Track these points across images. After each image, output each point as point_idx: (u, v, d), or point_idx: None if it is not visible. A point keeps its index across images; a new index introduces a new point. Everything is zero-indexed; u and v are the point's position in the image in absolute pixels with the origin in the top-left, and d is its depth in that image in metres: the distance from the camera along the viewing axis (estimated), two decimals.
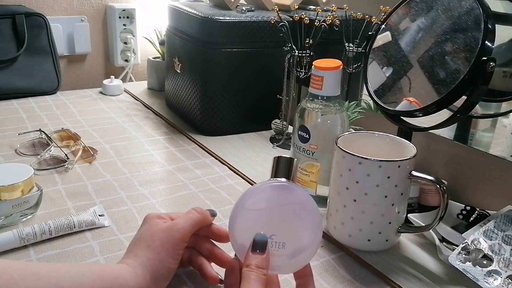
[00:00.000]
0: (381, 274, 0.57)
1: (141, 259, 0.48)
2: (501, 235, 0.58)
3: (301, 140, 0.70)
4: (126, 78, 1.46)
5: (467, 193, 0.73)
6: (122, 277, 0.45)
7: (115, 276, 0.45)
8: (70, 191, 0.73)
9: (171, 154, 0.90)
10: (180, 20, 1.03)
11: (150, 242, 0.48)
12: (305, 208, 0.47)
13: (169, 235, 0.49)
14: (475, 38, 0.56)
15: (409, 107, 0.64)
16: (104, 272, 0.45)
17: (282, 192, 0.48)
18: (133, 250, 0.49)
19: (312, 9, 1.01)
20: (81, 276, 0.43)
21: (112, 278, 0.45)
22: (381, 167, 0.56)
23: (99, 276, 0.44)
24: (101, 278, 0.44)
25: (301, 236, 0.46)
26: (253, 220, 0.47)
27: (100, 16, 1.42)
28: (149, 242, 0.48)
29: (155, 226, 0.50)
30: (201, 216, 0.52)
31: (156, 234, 0.49)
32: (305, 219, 0.47)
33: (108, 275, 0.45)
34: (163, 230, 0.49)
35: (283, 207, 0.47)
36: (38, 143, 0.90)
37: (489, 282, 0.54)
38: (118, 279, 0.45)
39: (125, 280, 0.45)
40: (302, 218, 0.47)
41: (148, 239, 0.49)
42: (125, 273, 0.46)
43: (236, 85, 0.97)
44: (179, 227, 0.49)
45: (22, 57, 1.19)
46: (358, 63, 0.90)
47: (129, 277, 0.46)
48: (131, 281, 0.46)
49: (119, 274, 0.46)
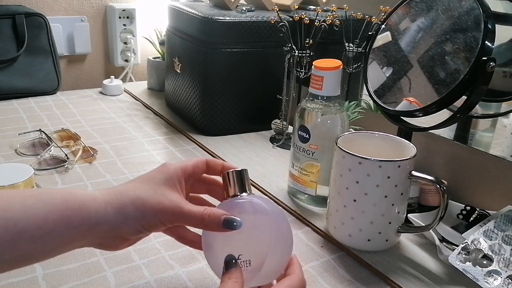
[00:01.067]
0: (381, 274, 0.57)
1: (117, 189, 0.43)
2: (501, 235, 0.58)
3: (301, 140, 0.70)
4: (126, 78, 1.46)
5: (467, 193, 0.73)
6: (85, 209, 0.40)
7: (77, 207, 0.40)
8: None
9: (171, 154, 0.90)
10: (180, 20, 1.03)
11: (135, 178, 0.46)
12: (264, 222, 0.46)
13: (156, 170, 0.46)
14: (475, 38, 0.56)
15: (409, 107, 0.64)
16: (64, 202, 0.40)
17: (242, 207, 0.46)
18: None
19: (312, 9, 1.01)
20: (33, 206, 0.38)
21: (72, 209, 0.40)
22: (381, 167, 0.56)
23: (56, 207, 0.39)
24: (58, 209, 0.39)
25: (262, 249, 0.46)
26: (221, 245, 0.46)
27: (100, 16, 1.42)
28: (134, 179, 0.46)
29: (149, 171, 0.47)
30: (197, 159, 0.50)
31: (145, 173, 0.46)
32: (262, 231, 0.46)
33: (68, 205, 0.40)
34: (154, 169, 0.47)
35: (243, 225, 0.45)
36: (38, 143, 0.90)
37: (489, 282, 0.54)
38: (79, 211, 0.40)
39: (87, 212, 0.40)
40: (260, 231, 0.46)
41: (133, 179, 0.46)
42: (91, 204, 0.41)
43: (236, 85, 0.97)
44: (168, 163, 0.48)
45: (22, 57, 1.19)
46: (358, 63, 0.90)
47: (93, 210, 0.41)
48: (94, 214, 0.41)
49: (82, 204, 0.40)
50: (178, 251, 0.59)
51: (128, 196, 0.42)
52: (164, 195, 0.44)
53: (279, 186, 0.78)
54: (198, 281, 0.54)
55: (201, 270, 0.56)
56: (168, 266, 0.56)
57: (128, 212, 0.42)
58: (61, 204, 0.40)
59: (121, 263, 0.56)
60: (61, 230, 0.39)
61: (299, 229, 0.67)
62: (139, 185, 0.44)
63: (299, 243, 0.63)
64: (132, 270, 0.55)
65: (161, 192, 0.44)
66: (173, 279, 0.54)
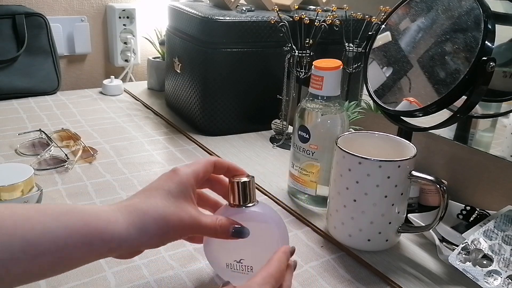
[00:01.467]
0: (381, 274, 0.57)
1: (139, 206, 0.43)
2: (501, 235, 0.58)
3: (301, 140, 0.70)
4: (126, 78, 1.46)
5: (467, 193, 0.73)
6: (107, 233, 0.40)
7: (99, 231, 0.39)
8: (70, 191, 0.73)
9: (171, 154, 0.90)
10: (180, 20, 1.03)
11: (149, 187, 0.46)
12: (269, 231, 0.49)
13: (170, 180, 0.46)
14: (475, 38, 0.56)
15: (409, 107, 0.64)
16: (86, 225, 0.39)
17: (249, 217, 0.49)
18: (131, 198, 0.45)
19: (312, 9, 1.01)
20: (54, 229, 0.37)
21: (93, 234, 0.39)
22: (381, 167, 0.56)
23: (77, 231, 0.38)
24: (79, 233, 0.38)
25: (266, 259, 0.48)
26: (224, 246, 0.49)
27: (100, 16, 1.42)
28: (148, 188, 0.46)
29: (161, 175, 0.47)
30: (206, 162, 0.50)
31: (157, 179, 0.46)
32: (266, 241, 0.49)
33: (90, 230, 0.39)
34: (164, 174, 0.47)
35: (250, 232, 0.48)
36: (38, 143, 0.90)
37: (489, 282, 0.54)
38: (101, 235, 0.39)
39: (109, 236, 0.40)
40: (264, 240, 0.49)
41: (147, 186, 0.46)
42: (113, 227, 0.40)
43: (236, 85, 0.97)
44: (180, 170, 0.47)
45: (22, 57, 1.19)
46: (358, 63, 0.90)
47: (116, 233, 0.40)
48: (117, 236, 0.40)
49: (104, 228, 0.40)
50: (178, 251, 0.59)
51: (152, 216, 0.42)
52: (184, 210, 0.44)
53: (279, 186, 0.78)
54: (198, 281, 0.54)
55: (201, 270, 0.56)
56: (168, 266, 0.56)
57: (151, 232, 0.42)
58: (82, 228, 0.39)
59: (121, 263, 0.56)
60: (81, 253, 0.39)
61: (299, 229, 0.67)
62: (159, 201, 0.44)
63: (299, 243, 0.63)
64: (132, 270, 0.55)
65: (180, 207, 0.44)
66: (173, 279, 0.54)
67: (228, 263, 0.50)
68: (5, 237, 0.35)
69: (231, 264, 0.50)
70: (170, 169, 0.48)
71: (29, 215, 0.37)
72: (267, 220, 0.49)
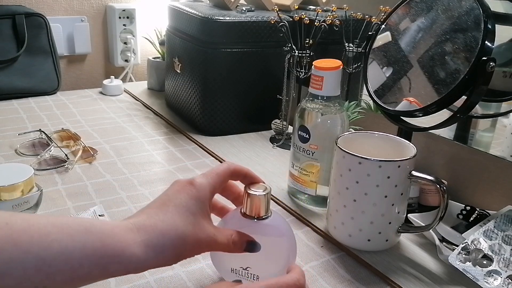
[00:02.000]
0: (381, 274, 0.57)
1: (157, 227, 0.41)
2: (501, 235, 0.58)
3: (301, 140, 0.70)
4: (126, 78, 1.46)
5: (467, 193, 0.73)
6: (124, 256, 0.39)
7: (116, 254, 0.38)
8: (70, 191, 0.73)
9: (171, 154, 0.90)
10: (180, 20, 1.03)
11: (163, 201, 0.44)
12: (280, 244, 0.49)
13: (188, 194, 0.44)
14: (475, 38, 0.56)
15: (409, 107, 0.64)
16: (103, 247, 0.38)
17: (262, 230, 0.49)
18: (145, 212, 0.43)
19: (312, 9, 1.01)
20: (71, 249, 0.36)
21: (110, 256, 0.38)
22: (381, 167, 0.56)
23: (93, 253, 0.37)
24: (95, 255, 0.37)
25: (273, 270, 0.48)
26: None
27: (100, 16, 1.42)
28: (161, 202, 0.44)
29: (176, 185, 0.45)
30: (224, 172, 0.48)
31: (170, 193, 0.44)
32: (278, 254, 0.49)
33: (106, 252, 0.38)
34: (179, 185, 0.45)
35: (260, 243, 0.48)
36: (38, 143, 0.90)
37: (489, 282, 0.54)
38: (118, 258, 0.38)
39: (127, 259, 0.39)
40: (276, 253, 0.49)
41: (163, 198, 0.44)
42: (131, 249, 0.39)
43: (236, 85, 0.97)
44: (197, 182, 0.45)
45: (22, 57, 1.19)
46: (358, 63, 0.90)
47: (134, 256, 0.39)
48: (135, 259, 0.39)
49: (121, 251, 0.38)
50: None
51: (170, 238, 0.41)
52: (201, 229, 0.43)
53: (279, 186, 0.78)
54: (198, 281, 0.54)
55: (201, 270, 0.56)
56: (168, 266, 0.56)
57: (169, 253, 0.41)
58: (99, 249, 0.38)
59: None
60: (96, 274, 0.38)
61: (299, 229, 0.67)
62: (178, 220, 0.42)
63: (299, 243, 0.63)
64: None
65: (198, 226, 0.43)
66: (173, 279, 0.54)
67: (234, 268, 0.50)
68: (20, 254, 0.34)
69: (236, 270, 0.50)
70: (186, 180, 0.45)
71: (46, 231, 0.36)
72: (279, 234, 0.49)
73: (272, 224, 0.49)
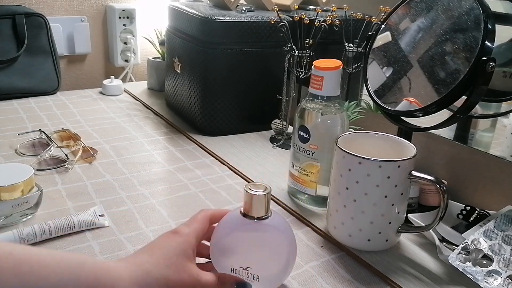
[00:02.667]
0: (381, 274, 0.57)
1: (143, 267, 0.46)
2: (501, 235, 0.58)
3: (301, 140, 0.70)
4: (126, 78, 1.46)
5: (467, 193, 0.73)
6: None
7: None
8: (70, 191, 0.73)
9: (171, 154, 0.90)
10: (180, 20, 1.03)
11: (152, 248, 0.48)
12: (279, 244, 0.50)
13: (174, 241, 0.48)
14: (475, 38, 0.56)
15: (409, 107, 0.64)
16: (96, 280, 0.41)
17: (262, 230, 0.49)
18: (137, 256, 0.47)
19: (312, 9, 1.01)
20: (66, 281, 0.39)
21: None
22: (381, 167, 0.56)
23: (86, 285, 0.41)
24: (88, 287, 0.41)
25: (273, 270, 0.49)
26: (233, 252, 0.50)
27: (100, 16, 1.42)
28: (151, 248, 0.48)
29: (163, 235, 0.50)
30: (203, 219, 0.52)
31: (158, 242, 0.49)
32: (278, 254, 0.50)
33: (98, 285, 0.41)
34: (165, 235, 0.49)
35: (260, 242, 0.49)
36: (38, 143, 0.90)
37: (489, 282, 0.54)
38: None
39: None
40: (275, 254, 0.49)
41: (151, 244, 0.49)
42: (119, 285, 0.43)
43: (236, 85, 0.97)
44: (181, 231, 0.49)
45: (22, 57, 1.19)
46: (358, 63, 0.90)
47: None
48: None
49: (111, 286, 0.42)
50: None
51: (154, 277, 0.45)
52: (185, 270, 0.47)
53: (279, 186, 0.78)
54: None
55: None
56: None
57: None
58: (92, 283, 0.41)
59: None
60: None
61: (299, 229, 0.67)
62: (162, 261, 0.46)
63: (299, 243, 0.63)
64: None
65: (182, 267, 0.47)
66: None
67: (234, 268, 0.50)
68: (20, 283, 0.37)
69: (236, 269, 0.50)
70: (172, 230, 0.50)
71: (46, 262, 0.39)
72: (279, 235, 0.49)
73: (272, 224, 0.49)
